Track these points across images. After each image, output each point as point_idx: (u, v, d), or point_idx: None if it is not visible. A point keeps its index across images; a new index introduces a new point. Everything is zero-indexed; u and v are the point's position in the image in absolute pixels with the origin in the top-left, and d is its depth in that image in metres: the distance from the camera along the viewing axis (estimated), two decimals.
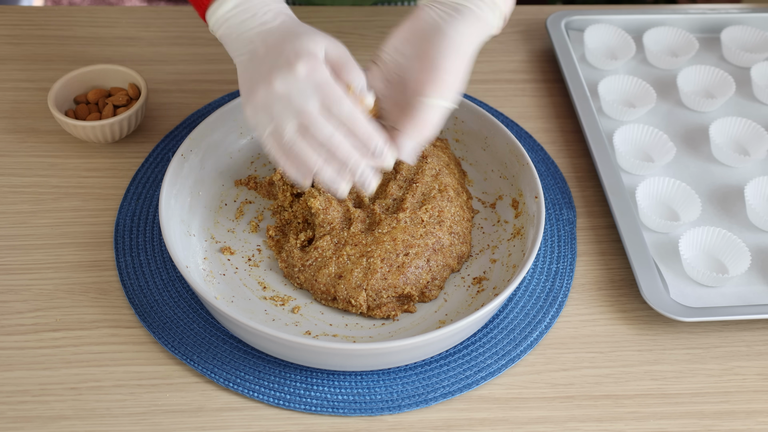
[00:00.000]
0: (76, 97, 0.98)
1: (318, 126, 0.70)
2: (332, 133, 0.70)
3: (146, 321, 0.81)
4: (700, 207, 0.90)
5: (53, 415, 0.75)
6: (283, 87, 0.70)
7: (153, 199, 0.91)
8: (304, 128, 0.70)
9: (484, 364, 0.80)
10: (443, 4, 0.76)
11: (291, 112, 0.70)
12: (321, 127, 0.70)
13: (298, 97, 0.69)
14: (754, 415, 0.78)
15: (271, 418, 0.76)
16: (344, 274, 0.80)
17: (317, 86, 0.69)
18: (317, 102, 0.69)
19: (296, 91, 0.69)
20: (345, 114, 0.70)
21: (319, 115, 0.70)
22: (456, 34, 0.74)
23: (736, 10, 1.17)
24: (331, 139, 0.70)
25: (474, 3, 0.75)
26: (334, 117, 0.70)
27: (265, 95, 0.70)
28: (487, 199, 0.92)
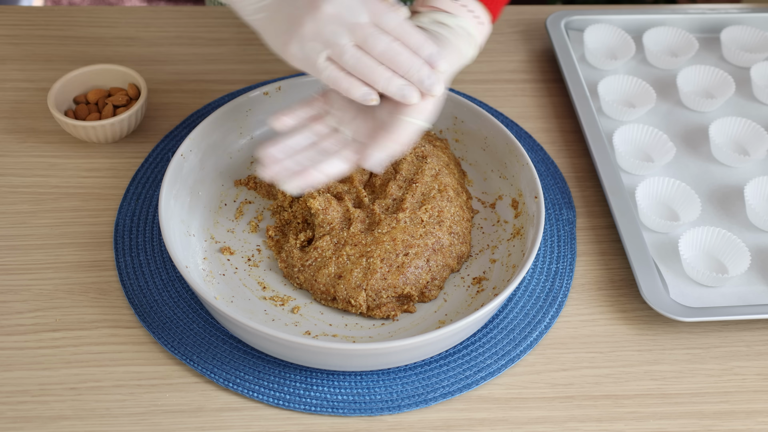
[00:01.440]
0: (76, 97, 0.98)
1: (375, 37, 0.71)
2: (390, 42, 0.71)
3: (146, 321, 0.81)
4: (700, 207, 0.90)
5: (53, 416, 0.75)
6: (332, 8, 0.71)
7: (153, 199, 0.91)
8: (362, 42, 0.71)
9: (483, 364, 0.80)
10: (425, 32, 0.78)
11: (346, 29, 0.71)
12: (379, 38, 0.71)
13: (350, 14, 0.71)
14: (753, 415, 0.78)
15: (271, 418, 0.76)
16: (344, 274, 0.80)
17: (363, 2, 0.71)
18: (367, 15, 0.71)
19: (346, 9, 0.71)
20: (395, 24, 0.71)
21: (372, 27, 0.71)
22: None
23: (735, 10, 1.17)
24: (391, 47, 0.71)
25: (453, 34, 0.78)
26: (385, 29, 0.71)
27: (313, 22, 0.71)
28: (487, 199, 0.92)
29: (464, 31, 0.78)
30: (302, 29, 0.71)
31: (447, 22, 0.78)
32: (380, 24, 0.71)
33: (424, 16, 0.79)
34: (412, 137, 0.75)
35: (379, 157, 0.74)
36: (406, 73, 0.71)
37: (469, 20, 0.79)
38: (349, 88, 0.72)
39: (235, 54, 1.09)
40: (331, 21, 0.71)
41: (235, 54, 1.09)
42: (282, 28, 0.73)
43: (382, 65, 0.71)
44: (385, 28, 0.71)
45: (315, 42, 0.71)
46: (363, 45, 0.71)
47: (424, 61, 0.72)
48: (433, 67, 0.72)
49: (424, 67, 0.72)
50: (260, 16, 0.75)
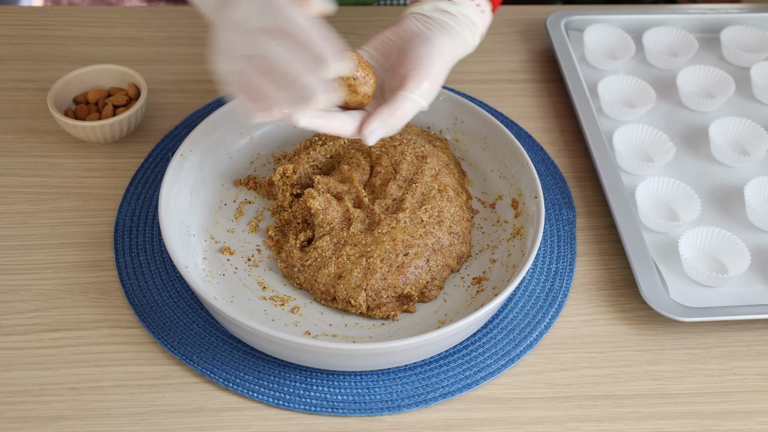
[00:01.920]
0: (76, 97, 0.98)
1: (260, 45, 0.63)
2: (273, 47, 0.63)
3: (146, 321, 0.81)
4: (700, 207, 0.90)
5: (53, 416, 0.75)
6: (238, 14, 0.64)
7: (152, 199, 0.91)
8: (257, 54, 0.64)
9: (483, 364, 0.80)
10: (428, 18, 0.78)
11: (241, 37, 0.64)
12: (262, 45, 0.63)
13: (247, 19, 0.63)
14: (753, 415, 0.78)
15: (271, 418, 0.76)
16: (344, 274, 0.80)
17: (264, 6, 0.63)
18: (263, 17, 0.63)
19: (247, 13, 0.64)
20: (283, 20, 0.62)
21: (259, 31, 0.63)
22: (441, 44, 0.77)
23: (735, 10, 1.17)
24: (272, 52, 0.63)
25: (456, 22, 0.78)
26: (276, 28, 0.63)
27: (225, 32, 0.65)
28: (487, 199, 0.92)
29: (468, 19, 0.78)
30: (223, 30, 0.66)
31: (450, 10, 0.78)
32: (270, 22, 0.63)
33: (426, 3, 0.79)
34: (410, 113, 0.74)
35: (374, 127, 0.73)
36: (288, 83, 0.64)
37: (471, 8, 0.79)
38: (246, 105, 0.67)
39: None
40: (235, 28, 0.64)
41: None
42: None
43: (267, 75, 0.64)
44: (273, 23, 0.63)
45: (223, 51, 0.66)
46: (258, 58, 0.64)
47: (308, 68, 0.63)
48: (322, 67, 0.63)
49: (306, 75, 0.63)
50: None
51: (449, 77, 1.07)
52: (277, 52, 0.63)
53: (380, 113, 0.74)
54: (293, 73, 0.63)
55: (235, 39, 0.65)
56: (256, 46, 0.63)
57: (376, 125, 0.73)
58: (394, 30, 0.79)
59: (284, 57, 0.63)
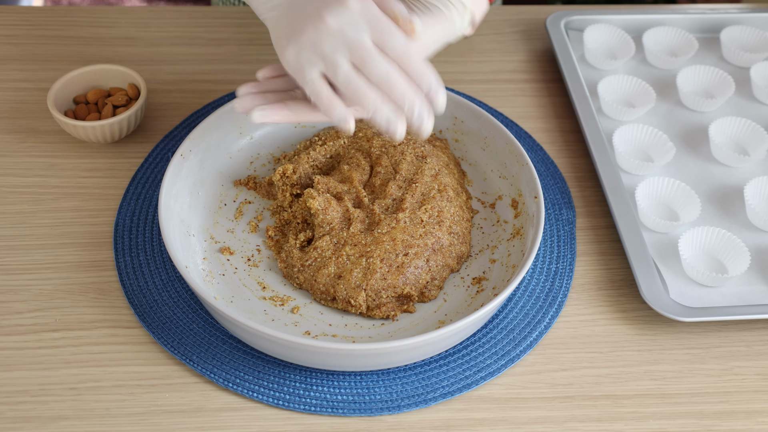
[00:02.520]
0: (76, 97, 0.98)
1: (375, 61, 0.68)
2: (389, 70, 0.68)
3: (146, 321, 0.81)
4: (700, 207, 0.90)
5: (52, 416, 0.75)
6: (335, 22, 0.67)
7: (152, 199, 0.91)
8: (359, 63, 0.68)
9: (483, 364, 0.80)
10: (415, 2, 0.77)
11: (345, 47, 0.68)
12: (378, 63, 0.68)
13: (353, 32, 0.67)
14: (753, 415, 0.78)
15: (271, 418, 0.76)
16: (344, 274, 0.80)
17: (370, 20, 0.68)
18: (371, 36, 0.67)
19: (350, 26, 0.67)
20: (399, 48, 0.68)
21: (374, 50, 0.67)
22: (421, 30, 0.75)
23: (735, 10, 1.17)
24: (389, 75, 0.68)
25: (443, 3, 0.76)
26: (388, 52, 0.68)
27: (314, 33, 0.68)
28: (487, 199, 0.92)
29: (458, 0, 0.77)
30: (302, 37, 0.69)
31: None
32: (383, 45, 0.68)
33: None
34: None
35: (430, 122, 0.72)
36: (399, 102, 0.69)
37: None
38: (328, 107, 0.70)
39: (235, 54, 1.09)
40: (333, 35, 0.68)
41: (235, 54, 1.09)
42: (285, 30, 0.71)
43: (375, 90, 0.68)
44: (387, 50, 0.68)
45: (312, 53, 0.69)
46: (360, 66, 0.68)
47: (420, 94, 0.69)
48: (431, 99, 0.69)
49: (418, 100, 0.69)
50: (272, 14, 0.73)
51: (449, 77, 1.08)
52: (395, 73, 0.68)
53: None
54: (409, 96, 0.68)
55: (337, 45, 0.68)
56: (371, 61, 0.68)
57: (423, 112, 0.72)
58: None
59: (400, 79, 0.68)
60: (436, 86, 0.70)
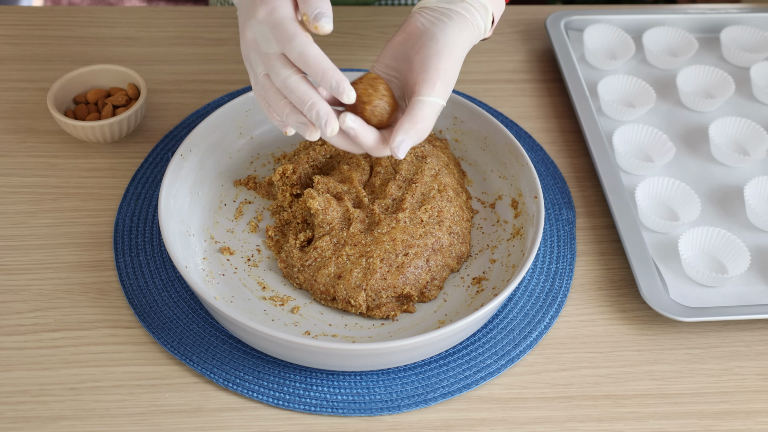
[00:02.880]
0: (76, 97, 0.98)
1: (276, 71, 0.70)
2: (286, 76, 0.69)
3: (145, 321, 0.81)
4: (700, 207, 0.90)
5: (52, 416, 0.75)
6: (251, 34, 0.70)
7: (152, 199, 0.91)
8: (269, 73, 0.70)
9: (483, 364, 0.80)
10: (434, 10, 0.77)
11: (260, 57, 0.70)
12: (278, 72, 0.69)
13: (263, 43, 0.70)
14: (753, 415, 0.78)
15: (271, 418, 0.76)
16: (344, 274, 0.80)
17: (273, 29, 0.69)
18: (276, 45, 0.69)
19: (261, 37, 0.70)
20: (298, 51, 0.68)
21: (277, 58, 0.69)
22: (446, 38, 0.75)
23: (735, 10, 1.17)
24: (285, 81, 0.69)
25: (463, 7, 0.77)
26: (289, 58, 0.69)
27: (243, 45, 0.72)
28: (487, 199, 0.92)
29: (478, 2, 0.77)
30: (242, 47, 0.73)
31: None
32: (286, 53, 0.69)
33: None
34: (431, 116, 0.73)
35: (400, 139, 0.72)
36: (299, 108, 0.70)
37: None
38: (268, 116, 0.73)
39: (235, 54, 1.09)
40: (250, 47, 0.71)
41: (235, 54, 1.09)
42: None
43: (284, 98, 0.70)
44: (290, 57, 0.69)
45: (247, 63, 0.73)
46: (269, 75, 0.70)
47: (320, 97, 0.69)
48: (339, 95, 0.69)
49: (316, 105, 0.69)
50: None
51: None
52: (293, 80, 0.69)
53: (402, 124, 0.73)
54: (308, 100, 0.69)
55: (254, 57, 0.71)
56: (272, 70, 0.70)
57: (401, 136, 0.72)
58: (401, 34, 0.78)
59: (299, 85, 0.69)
60: (338, 80, 0.69)
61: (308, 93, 0.69)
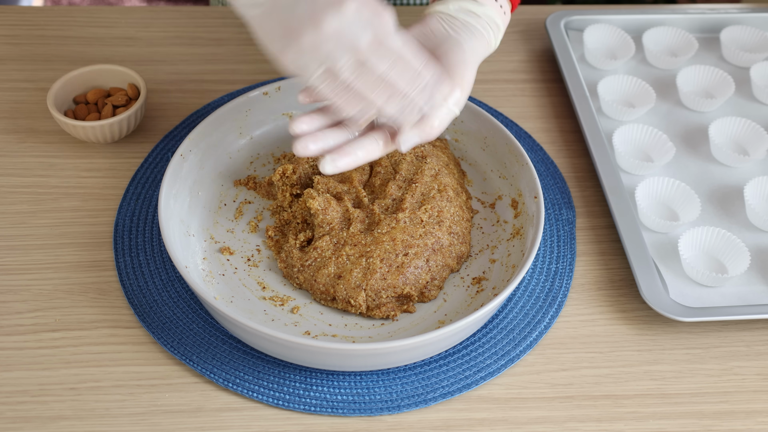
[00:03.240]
0: (76, 97, 0.98)
1: (376, 60, 0.69)
2: (390, 65, 0.69)
3: (145, 321, 0.81)
4: (700, 207, 0.90)
5: (52, 416, 0.75)
6: (334, 25, 0.68)
7: (152, 199, 0.91)
8: (360, 64, 0.69)
9: (483, 364, 0.80)
10: (454, 19, 0.78)
11: (345, 49, 0.68)
12: (378, 61, 0.69)
13: (351, 34, 0.68)
14: (753, 415, 0.78)
15: (271, 418, 0.76)
16: (343, 274, 0.80)
17: (367, 21, 0.68)
18: (369, 37, 0.68)
19: (348, 28, 0.68)
20: (397, 46, 0.69)
21: (371, 50, 0.69)
22: (470, 48, 0.77)
23: (735, 10, 1.17)
24: (390, 72, 0.69)
25: (481, 24, 0.78)
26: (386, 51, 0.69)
27: (312, 36, 0.68)
28: (487, 199, 0.92)
29: (492, 20, 0.78)
30: (301, 40, 0.69)
31: (475, 11, 0.78)
32: (382, 44, 0.69)
33: (452, 3, 0.79)
34: (446, 123, 0.75)
35: (409, 137, 0.74)
36: (403, 97, 0.70)
37: (495, 9, 0.79)
38: (343, 107, 0.71)
39: (234, 54, 1.09)
40: (332, 38, 0.68)
41: (234, 54, 1.09)
42: (278, 32, 0.70)
43: (379, 87, 0.70)
44: (387, 48, 0.69)
45: (312, 57, 0.69)
46: (361, 66, 0.69)
47: (423, 86, 0.70)
48: (436, 90, 0.71)
49: (422, 93, 0.70)
50: (254, 12, 0.72)
51: None
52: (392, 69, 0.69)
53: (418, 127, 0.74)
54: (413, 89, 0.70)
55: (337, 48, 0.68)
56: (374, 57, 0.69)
57: (412, 135, 0.74)
58: (420, 29, 0.78)
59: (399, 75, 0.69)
60: (437, 78, 0.71)
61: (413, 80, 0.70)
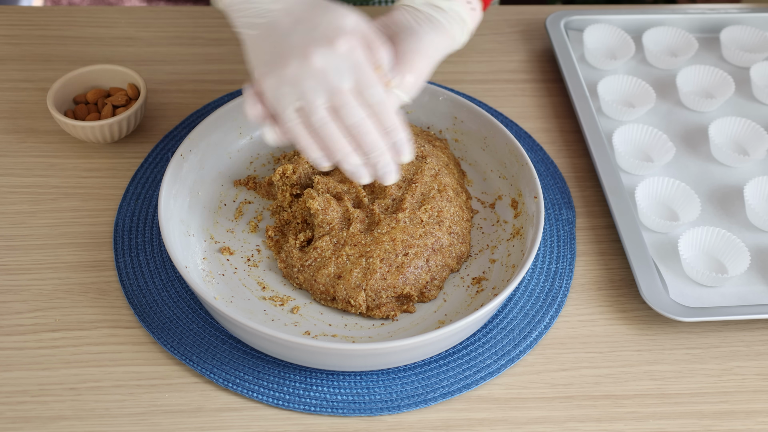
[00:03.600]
0: (76, 97, 0.98)
1: (350, 108, 0.68)
2: (363, 119, 0.69)
3: (145, 321, 0.81)
4: (700, 207, 0.90)
5: (52, 416, 0.75)
6: (321, 62, 0.67)
7: (152, 199, 0.91)
8: (335, 109, 0.68)
9: (483, 364, 0.80)
10: (419, 12, 0.78)
11: (325, 90, 0.67)
12: (353, 111, 0.68)
13: (335, 76, 0.67)
14: (753, 415, 0.78)
15: (271, 418, 0.76)
16: (343, 274, 0.80)
17: (354, 66, 0.67)
18: (351, 83, 0.67)
19: (333, 69, 0.67)
20: (376, 100, 0.68)
21: (350, 96, 0.68)
22: (427, 39, 0.76)
23: (735, 10, 1.17)
24: (361, 124, 0.69)
25: (446, 17, 0.78)
26: (364, 101, 0.68)
27: (297, 68, 0.67)
28: (487, 199, 0.92)
29: (458, 15, 0.78)
30: (285, 70, 0.68)
31: (440, 5, 0.78)
32: (361, 94, 0.68)
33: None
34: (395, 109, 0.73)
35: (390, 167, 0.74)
36: (366, 153, 0.70)
37: (462, 5, 0.79)
38: (305, 148, 0.70)
39: (235, 54, 1.09)
40: (315, 76, 0.67)
41: (235, 54, 1.09)
42: (266, 56, 0.70)
43: (345, 137, 0.69)
44: (365, 99, 0.68)
45: (291, 89, 0.68)
46: (335, 111, 0.68)
47: (388, 147, 0.70)
48: (397, 155, 0.71)
49: (384, 156, 0.70)
50: (250, 32, 0.72)
51: (449, 77, 1.07)
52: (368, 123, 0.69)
53: None
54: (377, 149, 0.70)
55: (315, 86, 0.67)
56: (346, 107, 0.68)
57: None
58: (384, 21, 0.79)
59: (372, 130, 0.69)
60: (404, 141, 0.71)
61: (379, 140, 0.70)
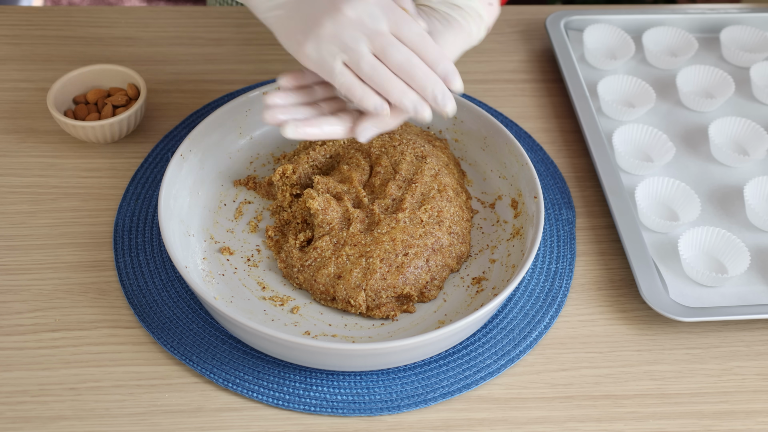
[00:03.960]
0: (76, 98, 0.98)
1: (395, 47, 0.69)
2: (409, 54, 0.70)
3: (145, 321, 0.81)
4: (700, 207, 0.90)
5: (52, 416, 0.75)
6: (353, 12, 0.69)
7: (152, 199, 0.91)
8: (380, 51, 0.69)
9: (483, 364, 0.80)
10: (435, 12, 0.78)
11: (365, 35, 0.69)
12: (398, 49, 0.69)
13: (371, 21, 0.69)
14: (753, 415, 0.78)
15: (271, 418, 0.76)
16: (343, 274, 0.80)
17: (386, 10, 0.69)
18: (388, 24, 0.69)
19: (367, 15, 0.69)
20: (415, 35, 0.70)
21: (391, 37, 0.69)
22: (444, 40, 0.77)
23: (735, 10, 1.17)
24: (409, 59, 0.70)
25: (461, 15, 0.78)
26: (405, 40, 0.70)
27: (333, 25, 0.69)
28: (487, 199, 0.92)
29: (475, 12, 0.78)
30: (320, 30, 0.70)
31: (457, 3, 0.78)
32: (400, 34, 0.70)
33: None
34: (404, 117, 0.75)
35: (371, 130, 0.74)
36: (420, 88, 0.71)
37: (479, 1, 0.79)
38: (362, 97, 0.71)
39: (234, 54, 1.09)
40: (351, 25, 0.69)
41: (234, 54, 1.09)
42: (298, 27, 0.72)
43: (398, 77, 0.70)
44: (404, 38, 0.70)
45: (332, 45, 0.70)
46: (380, 54, 0.70)
47: (439, 78, 0.71)
48: (447, 84, 0.72)
49: (438, 84, 0.71)
50: (276, 13, 0.73)
51: None
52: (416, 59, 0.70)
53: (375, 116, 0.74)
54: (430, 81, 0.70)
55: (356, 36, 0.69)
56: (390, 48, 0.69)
57: (368, 125, 0.74)
58: None
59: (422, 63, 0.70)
60: (452, 70, 0.72)
61: (430, 71, 0.70)
